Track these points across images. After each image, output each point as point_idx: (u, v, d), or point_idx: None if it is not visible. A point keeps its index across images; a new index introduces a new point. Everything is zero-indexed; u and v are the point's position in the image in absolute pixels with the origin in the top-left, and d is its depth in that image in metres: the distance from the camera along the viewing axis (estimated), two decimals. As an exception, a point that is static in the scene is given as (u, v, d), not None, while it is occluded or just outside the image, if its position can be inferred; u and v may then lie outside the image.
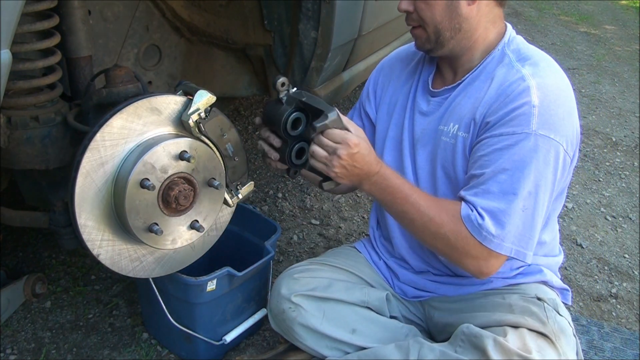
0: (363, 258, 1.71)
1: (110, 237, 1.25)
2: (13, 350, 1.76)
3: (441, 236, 1.31)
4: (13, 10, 0.99)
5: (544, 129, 1.27)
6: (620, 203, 2.91)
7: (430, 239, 1.34)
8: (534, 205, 1.28)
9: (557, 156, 1.29)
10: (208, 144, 1.30)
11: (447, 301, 1.55)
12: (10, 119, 1.25)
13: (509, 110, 1.30)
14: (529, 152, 1.27)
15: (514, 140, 1.28)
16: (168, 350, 1.78)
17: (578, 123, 1.36)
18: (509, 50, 1.39)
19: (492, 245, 1.28)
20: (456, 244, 1.30)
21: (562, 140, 1.29)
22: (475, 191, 1.30)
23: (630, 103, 4.32)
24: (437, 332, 1.59)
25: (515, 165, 1.27)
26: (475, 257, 1.30)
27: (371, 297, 1.58)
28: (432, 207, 1.32)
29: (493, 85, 1.36)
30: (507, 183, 1.27)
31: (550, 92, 1.30)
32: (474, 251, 1.29)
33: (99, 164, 1.18)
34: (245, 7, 1.73)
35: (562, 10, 7.18)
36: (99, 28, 1.62)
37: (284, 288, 1.57)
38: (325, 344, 1.55)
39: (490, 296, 1.47)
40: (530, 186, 1.27)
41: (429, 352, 1.38)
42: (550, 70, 1.37)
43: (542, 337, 1.32)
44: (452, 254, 1.34)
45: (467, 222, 1.29)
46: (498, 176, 1.28)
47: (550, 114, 1.28)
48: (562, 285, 1.56)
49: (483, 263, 1.31)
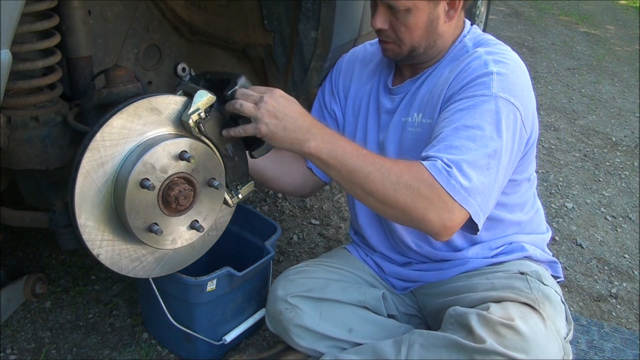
0: (355, 258, 1.73)
1: (110, 237, 1.25)
2: (13, 350, 1.76)
3: (403, 185, 1.18)
4: (13, 11, 0.99)
5: (504, 92, 1.28)
6: (620, 203, 2.92)
7: (391, 195, 1.19)
8: (496, 166, 1.24)
9: (516, 121, 1.30)
10: (208, 144, 1.30)
11: (434, 287, 1.56)
12: (10, 119, 1.25)
13: (469, 80, 1.32)
14: (491, 112, 1.26)
15: (475, 102, 1.27)
16: (168, 350, 1.78)
17: (534, 104, 1.39)
18: (467, 39, 1.45)
19: (459, 196, 1.19)
20: (419, 192, 1.18)
21: (521, 108, 1.30)
22: (438, 147, 1.24)
23: (630, 103, 4.32)
24: (432, 321, 1.61)
25: (477, 123, 1.25)
26: (440, 209, 1.19)
27: (368, 297, 1.59)
28: (388, 160, 1.23)
29: (452, 68, 1.40)
30: (470, 139, 1.23)
31: (508, 65, 1.35)
32: (438, 201, 1.18)
33: (99, 164, 1.18)
34: (245, 7, 1.73)
35: (562, 10, 7.18)
36: (99, 28, 1.62)
37: (281, 289, 1.58)
38: (323, 344, 1.56)
39: (475, 277, 1.48)
40: (493, 145, 1.24)
41: (418, 337, 1.39)
42: (506, 51, 1.42)
43: (525, 306, 1.32)
44: (414, 208, 1.19)
45: (432, 169, 1.19)
46: (460, 132, 1.24)
47: (509, 81, 1.31)
48: (549, 259, 1.58)
49: (447, 216, 1.19)
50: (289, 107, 1.20)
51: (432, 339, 1.36)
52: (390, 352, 1.42)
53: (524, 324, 1.25)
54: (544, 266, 1.53)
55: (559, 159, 3.33)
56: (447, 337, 1.32)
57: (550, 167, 3.22)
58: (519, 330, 1.24)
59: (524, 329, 1.24)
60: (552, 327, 1.30)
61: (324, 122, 1.66)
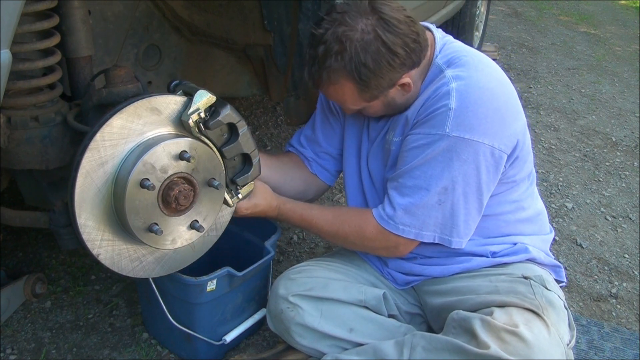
0: (356, 256, 1.72)
1: (110, 237, 1.25)
2: (13, 350, 1.76)
3: (350, 244, 1.57)
4: (13, 11, 0.99)
5: (457, 131, 1.34)
6: (620, 203, 2.92)
7: (343, 244, 1.62)
8: (452, 199, 1.39)
9: (477, 153, 1.35)
10: (208, 144, 1.30)
11: (436, 283, 1.56)
12: (10, 119, 1.25)
13: (429, 112, 1.39)
14: (442, 152, 1.36)
15: (428, 141, 1.38)
16: (168, 350, 1.78)
17: (516, 117, 1.43)
18: (438, 60, 1.45)
19: (398, 230, 1.43)
20: (364, 244, 1.53)
21: (483, 139, 1.34)
22: (395, 184, 1.45)
23: (630, 103, 4.32)
24: (434, 321, 1.61)
25: (428, 163, 1.38)
26: (386, 247, 1.50)
27: (368, 296, 1.59)
28: (334, 224, 1.53)
29: (424, 93, 1.44)
30: (421, 179, 1.39)
31: (471, 93, 1.36)
32: (384, 242, 1.48)
33: (99, 164, 1.18)
34: (245, 7, 1.73)
35: (562, 10, 7.18)
36: (99, 28, 1.62)
37: (282, 288, 1.59)
38: (324, 343, 1.56)
39: (477, 278, 1.48)
40: (445, 182, 1.37)
41: (421, 339, 1.40)
42: (478, 69, 1.41)
43: (529, 312, 1.33)
44: (365, 251, 1.62)
45: (379, 219, 1.46)
46: (413, 172, 1.40)
47: (467, 115, 1.34)
48: (553, 262, 1.58)
49: (394, 250, 1.51)
50: (257, 213, 1.54)
51: (434, 342, 1.36)
52: (392, 353, 1.42)
53: (527, 331, 1.26)
54: (547, 270, 1.52)
55: (559, 159, 3.33)
56: (450, 341, 1.32)
57: (550, 167, 3.22)
58: (522, 336, 1.24)
59: (527, 335, 1.25)
60: (555, 334, 1.30)
61: (328, 122, 1.70)
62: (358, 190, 1.67)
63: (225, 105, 1.30)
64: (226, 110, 1.29)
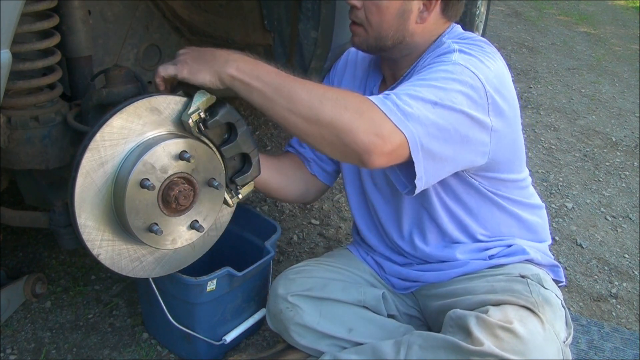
0: (355, 258, 1.73)
1: (110, 237, 1.25)
2: (13, 350, 1.76)
3: (329, 98, 1.17)
4: (13, 11, 0.99)
5: (464, 62, 1.28)
6: (620, 203, 2.92)
7: (316, 107, 1.16)
8: (448, 110, 1.23)
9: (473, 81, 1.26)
10: (208, 144, 1.30)
11: (434, 287, 1.56)
12: (10, 119, 1.25)
13: (431, 60, 1.35)
14: (446, 71, 1.27)
15: (433, 68, 1.30)
16: (168, 350, 1.78)
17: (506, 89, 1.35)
18: (445, 38, 1.41)
19: (394, 117, 1.17)
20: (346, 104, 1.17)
21: (482, 78, 1.28)
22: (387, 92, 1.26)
23: (630, 103, 4.32)
24: (433, 324, 1.61)
25: (431, 76, 1.27)
26: (369, 122, 1.16)
27: (367, 297, 1.59)
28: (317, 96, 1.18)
29: (423, 57, 1.40)
30: (418, 86, 1.24)
31: (476, 52, 1.33)
32: (369, 113, 1.17)
33: (99, 164, 1.18)
34: (245, 7, 1.73)
35: (562, 10, 7.18)
36: (99, 28, 1.62)
37: (281, 288, 1.59)
38: (323, 342, 1.56)
39: (475, 280, 1.48)
40: (442, 92, 1.23)
41: (417, 338, 1.39)
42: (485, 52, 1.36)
43: (524, 309, 1.33)
44: (340, 120, 1.16)
45: (375, 100, 1.20)
46: (413, 82, 1.27)
47: (472, 59, 1.30)
48: (551, 263, 1.58)
49: (377, 131, 1.16)
50: (205, 49, 1.23)
51: (430, 340, 1.36)
52: (389, 353, 1.42)
53: (522, 327, 1.26)
54: (545, 270, 1.52)
55: (559, 159, 3.33)
56: (445, 338, 1.32)
57: (550, 167, 3.22)
58: (517, 333, 1.24)
59: (522, 331, 1.25)
60: (550, 330, 1.30)
61: None
62: (358, 190, 1.68)
63: (225, 105, 1.30)
64: (225, 110, 1.29)
